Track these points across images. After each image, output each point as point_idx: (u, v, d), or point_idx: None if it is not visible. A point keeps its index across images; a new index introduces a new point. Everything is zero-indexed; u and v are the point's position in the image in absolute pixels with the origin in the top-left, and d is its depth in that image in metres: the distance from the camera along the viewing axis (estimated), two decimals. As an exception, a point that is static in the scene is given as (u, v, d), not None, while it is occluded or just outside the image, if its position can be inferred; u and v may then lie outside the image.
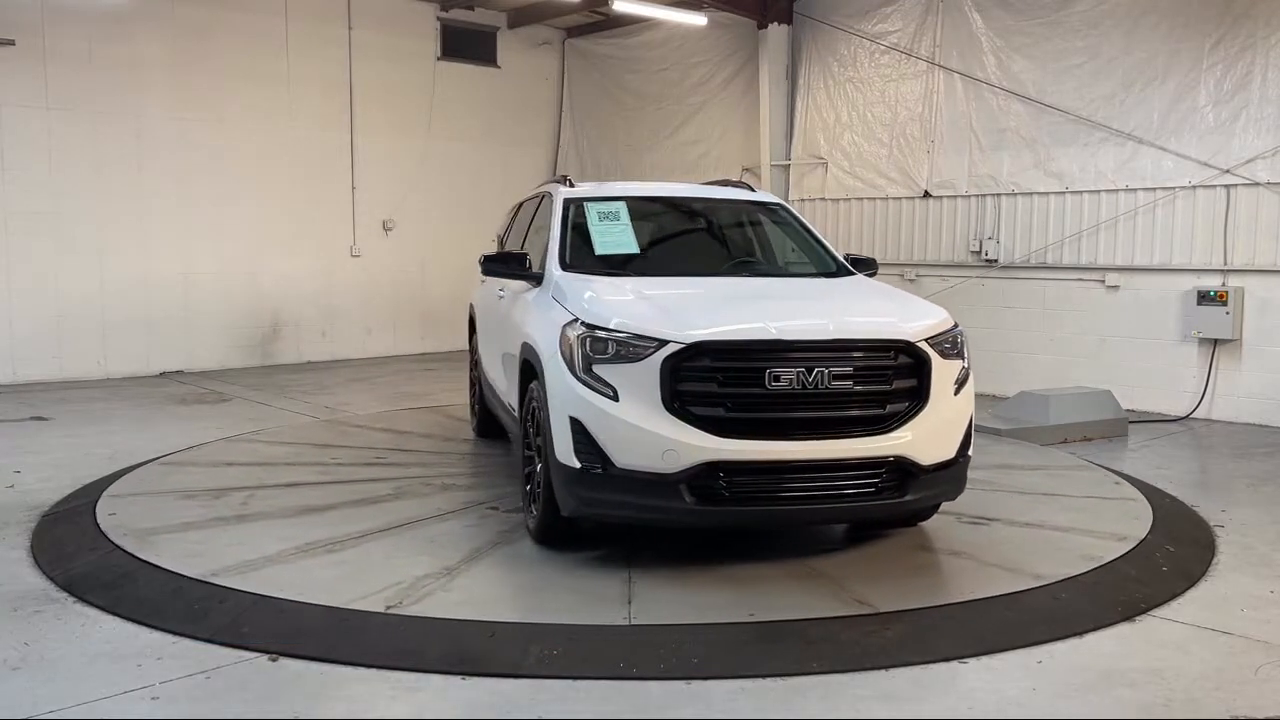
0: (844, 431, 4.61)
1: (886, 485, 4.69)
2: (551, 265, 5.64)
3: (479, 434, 7.96)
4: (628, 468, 4.51)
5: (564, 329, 4.80)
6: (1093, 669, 3.91)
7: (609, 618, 4.26)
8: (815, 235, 6.55)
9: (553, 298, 5.30)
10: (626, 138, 14.26)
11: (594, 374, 4.61)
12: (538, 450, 5.10)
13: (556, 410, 4.72)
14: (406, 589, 4.49)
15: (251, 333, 12.37)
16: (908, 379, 4.73)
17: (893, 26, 11.30)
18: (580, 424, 4.59)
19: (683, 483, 4.47)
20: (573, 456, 4.61)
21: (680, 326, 4.59)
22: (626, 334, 4.60)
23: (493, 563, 4.94)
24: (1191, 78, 9.17)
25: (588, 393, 4.60)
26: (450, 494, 6.22)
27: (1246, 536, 5.65)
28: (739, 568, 4.89)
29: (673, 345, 4.50)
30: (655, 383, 4.50)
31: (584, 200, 6.15)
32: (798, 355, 4.56)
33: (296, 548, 5.06)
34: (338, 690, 3.69)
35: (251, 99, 12.11)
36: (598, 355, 4.63)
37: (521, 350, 5.41)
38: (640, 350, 4.55)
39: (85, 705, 3.52)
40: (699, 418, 4.49)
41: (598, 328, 4.67)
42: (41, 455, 7.38)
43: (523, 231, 7.15)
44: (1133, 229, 9.63)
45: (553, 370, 4.80)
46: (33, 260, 10.73)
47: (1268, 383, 8.97)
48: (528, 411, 5.31)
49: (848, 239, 11.59)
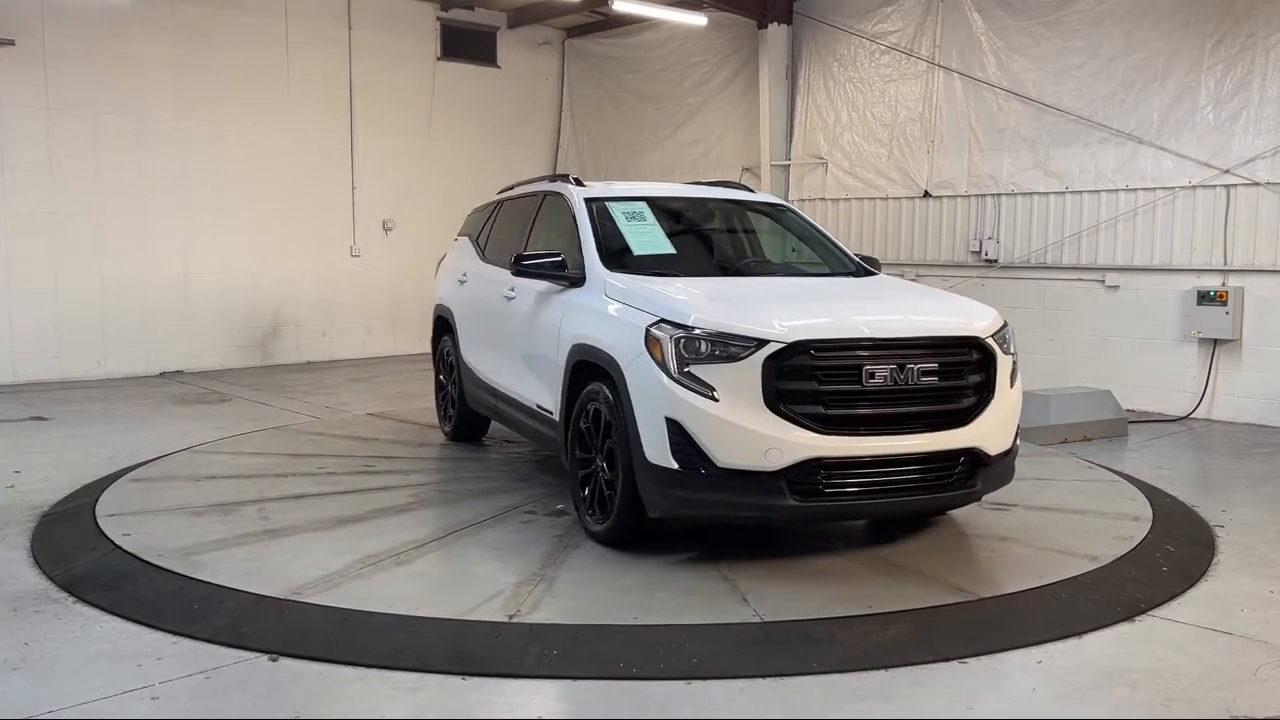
0: (929, 426, 4.78)
1: (961, 476, 4.91)
2: (593, 266, 5.60)
3: (453, 438, 7.75)
4: (730, 467, 4.57)
5: (649, 330, 4.78)
6: (1093, 669, 3.91)
7: (737, 615, 4.28)
8: (828, 236, 6.70)
9: (610, 298, 5.27)
10: (626, 138, 14.26)
11: (691, 374, 4.62)
12: (601, 452, 5.10)
13: (647, 412, 4.72)
14: (510, 597, 4.43)
15: (251, 333, 12.37)
16: (979, 374, 4.94)
17: (893, 26, 11.30)
18: (679, 425, 4.60)
19: (784, 480, 4.56)
20: (669, 457, 4.63)
21: (777, 326, 4.66)
22: (726, 334, 4.63)
23: (579, 566, 4.90)
24: (1191, 78, 9.17)
25: (686, 394, 4.61)
26: (476, 500, 6.08)
27: (1246, 536, 5.65)
28: (819, 560, 4.98)
29: (774, 344, 4.57)
30: (756, 382, 4.55)
31: (605, 200, 6.13)
32: (891, 353, 4.72)
33: (359, 560, 4.88)
34: (338, 690, 3.69)
35: (251, 99, 12.11)
36: (694, 356, 4.64)
37: (571, 353, 5.37)
38: (741, 350, 4.59)
39: (85, 705, 3.52)
40: (799, 415, 4.57)
41: (694, 329, 4.67)
42: (41, 455, 7.38)
43: (516, 232, 6.96)
44: (1133, 229, 9.63)
45: (638, 372, 4.78)
46: (32, 260, 10.73)
47: (1268, 383, 8.96)
48: (580, 414, 5.27)
49: (848, 239, 11.58)
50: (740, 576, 4.74)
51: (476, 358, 7.16)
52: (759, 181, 12.43)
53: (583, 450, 5.32)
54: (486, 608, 4.31)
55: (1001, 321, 5.20)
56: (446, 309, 7.76)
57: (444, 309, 7.82)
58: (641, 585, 4.66)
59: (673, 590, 4.59)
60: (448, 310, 7.73)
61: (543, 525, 5.58)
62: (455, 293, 7.61)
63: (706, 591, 4.58)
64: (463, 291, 7.48)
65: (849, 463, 4.66)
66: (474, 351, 7.22)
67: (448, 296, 7.78)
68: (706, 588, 4.63)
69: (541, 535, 5.38)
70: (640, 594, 4.56)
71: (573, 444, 5.39)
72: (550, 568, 4.85)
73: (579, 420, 5.31)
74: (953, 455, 4.84)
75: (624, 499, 4.93)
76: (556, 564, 4.91)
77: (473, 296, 7.28)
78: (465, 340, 7.38)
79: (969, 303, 5.50)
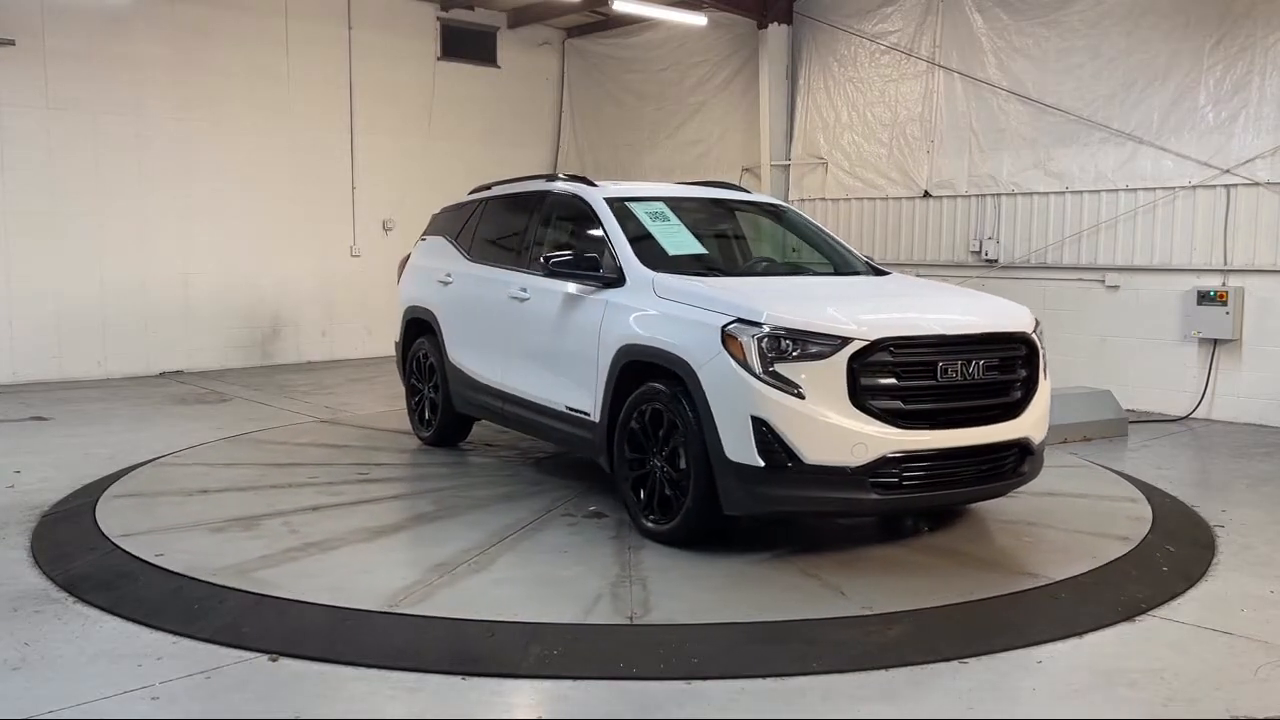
0: (989, 418, 5.00)
1: (1012, 465, 5.16)
2: (632, 266, 5.58)
3: (433, 443, 7.52)
4: (818, 463, 4.65)
5: (725, 330, 4.80)
6: (1093, 669, 3.92)
7: (843, 609, 4.41)
8: (834, 236, 6.80)
9: (662, 298, 5.26)
10: (626, 138, 14.26)
11: (776, 374, 4.67)
12: (660, 452, 5.13)
13: (729, 411, 4.75)
14: (613, 599, 4.44)
15: (251, 333, 12.37)
16: (1026, 368, 5.19)
17: (893, 26, 11.30)
18: (766, 423, 4.65)
19: (867, 474, 4.68)
20: (755, 455, 4.68)
21: (858, 324, 4.76)
22: (810, 332, 4.71)
23: (659, 566, 4.89)
24: (1191, 78, 9.17)
25: (773, 392, 4.66)
26: (503, 504, 5.98)
27: (1246, 536, 5.65)
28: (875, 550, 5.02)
29: (858, 342, 4.68)
30: (841, 379, 4.66)
31: (625, 200, 6.12)
32: (960, 349, 4.93)
33: (433, 569, 4.77)
34: (338, 690, 3.69)
35: (251, 99, 12.10)
36: (778, 355, 4.69)
37: (619, 354, 5.35)
38: (825, 348, 4.68)
39: (85, 705, 3.52)
40: (880, 411, 4.70)
41: (777, 328, 4.72)
42: (41, 455, 7.37)
43: (513, 232, 6.83)
44: (1133, 229, 9.63)
45: (716, 372, 4.80)
46: (32, 260, 10.72)
47: (1268, 383, 8.96)
48: (630, 414, 5.29)
49: (848, 239, 11.53)
50: (820, 571, 4.85)
51: (470, 359, 7.00)
52: (759, 181, 12.44)
53: (634, 451, 5.31)
54: (599, 611, 4.32)
55: (1035, 317, 5.42)
56: (426, 311, 7.50)
57: (422, 311, 7.55)
58: (732, 582, 4.70)
59: (771, 587, 4.66)
60: (427, 312, 7.47)
61: (590, 528, 5.53)
62: (437, 294, 7.39)
63: (799, 586, 4.67)
64: (448, 293, 7.28)
65: (924, 456, 4.80)
66: (466, 353, 7.05)
67: (426, 298, 7.53)
68: (796, 582, 4.72)
69: (596, 537, 5.34)
70: (738, 590, 4.61)
71: (619, 445, 5.38)
72: (631, 569, 4.83)
73: (629, 421, 5.31)
74: (1008, 446, 5.08)
75: (696, 498, 4.94)
76: (634, 565, 4.89)
77: (463, 297, 7.10)
78: (453, 342, 7.19)
79: (1002, 300, 5.70)
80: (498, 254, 6.92)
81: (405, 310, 7.84)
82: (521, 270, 6.52)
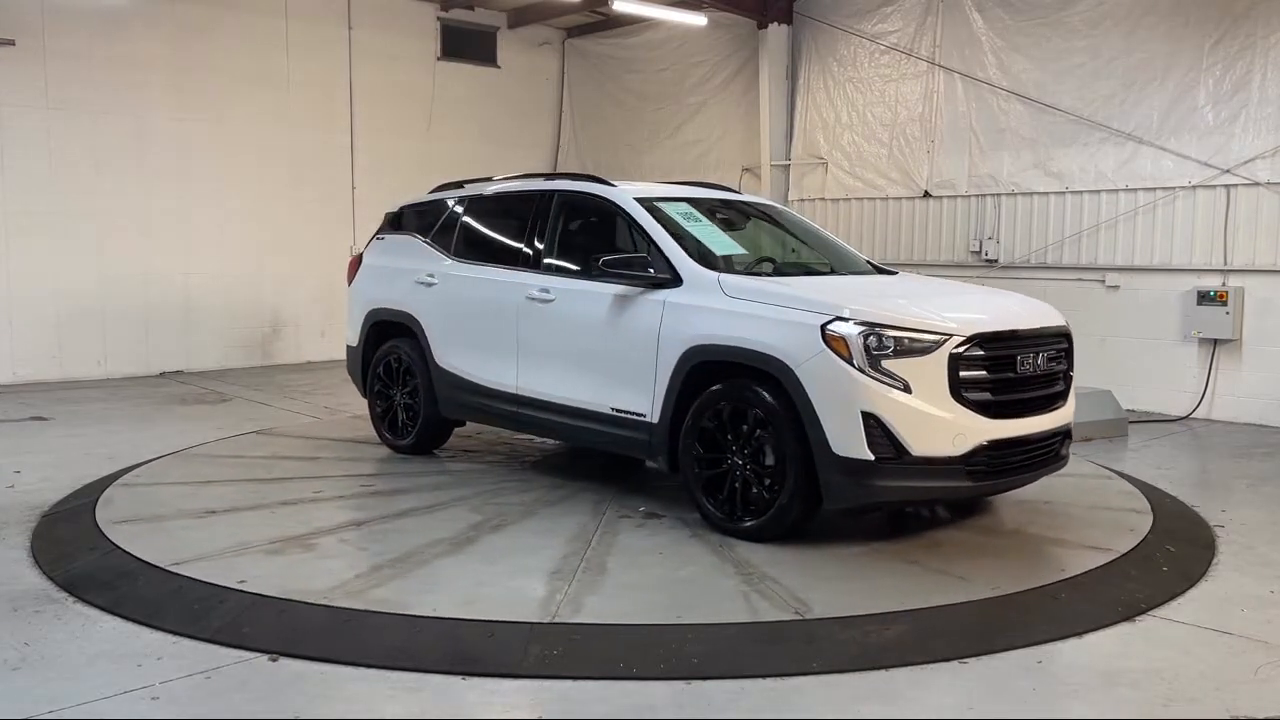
0: (1047, 406, 5.39)
1: (1057, 449, 5.55)
2: (686, 266, 5.61)
3: (410, 450, 7.18)
4: (924, 454, 4.88)
5: (825, 329, 4.92)
6: (1093, 669, 3.92)
7: (967, 593, 4.56)
8: (834, 237, 7.01)
9: (735, 298, 5.31)
10: (626, 138, 14.26)
11: (885, 369, 4.86)
12: (743, 450, 5.20)
13: (835, 406, 4.89)
14: (765, 597, 4.47)
15: (251, 333, 12.37)
16: (1067, 360, 5.60)
17: (893, 26, 11.30)
18: (876, 418, 4.83)
19: (964, 463, 4.96)
20: (865, 449, 4.84)
21: (953, 321, 5.05)
22: (914, 329, 4.94)
23: (772, 561, 4.90)
24: (1191, 78, 9.17)
25: (882, 388, 4.84)
26: (551, 509, 5.84)
27: (1246, 536, 5.65)
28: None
29: (956, 338, 4.95)
30: (942, 373, 4.91)
31: (654, 200, 6.15)
32: (1031, 343, 5.32)
33: (552, 576, 4.69)
34: (338, 690, 3.69)
35: (251, 99, 12.11)
36: (882, 351, 4.87)
37: (687, 354, 5.38)
38: (930, 343, 4.92)
39: (85, 705, 3.52)
40: (973, 402, 5.00)
41: (884, 325, 4.91)
42: (41, 455, 7.37)
43: (513, 232, 6.70)
44: (1133, 229, 9.63)
45: (819, 369, 4.92)
46: (33, 260, 10.72)
47: (1268, 383, 8.97)
48: (701, 414, 5.33)
49: (848, 239, 11.56)
50: (930, 559, 5.07)
51: (466, 362, 6.76)
52: (759, 182, 12.45)
53: (707, 450, 5.36)
54: (762, 610, 4.34)
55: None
56: (403, 314, 7.17)
57: (398, 314, 7.21)
58: (848, 572, 4.83)
59: (893, 575, 4.79)
60: (406, 315, 7.15)
61: (660, 528, 5.48)
62: (416, 295, 7.09)
63: (906, 573, 4.84)
64: (432, 294, 6.99)
65: (1007, 443, 5.13)
66: (461, 355, 6.80)
67: (399, 300, 7.22)
68: (903, 569, 4.89)
69: (676, 537, 5.32)
70: (862, 580, 4.73)
71: (688, 445, 5.41)
72: (765, 566, 4.82)
73: (700, 420, 5.35)
74: (1058, 432, 5.48)
75: (791, 494, 5.05)
76: (758, 563, 4.87)
77: (456, 298, 6.85)
78: (442, 345, 6.91)
79: (1029, 298, 6.10)
80: (496, 254, 6.78)
81: (367, 313, 7.49)
82: (534, 271, 6.41)
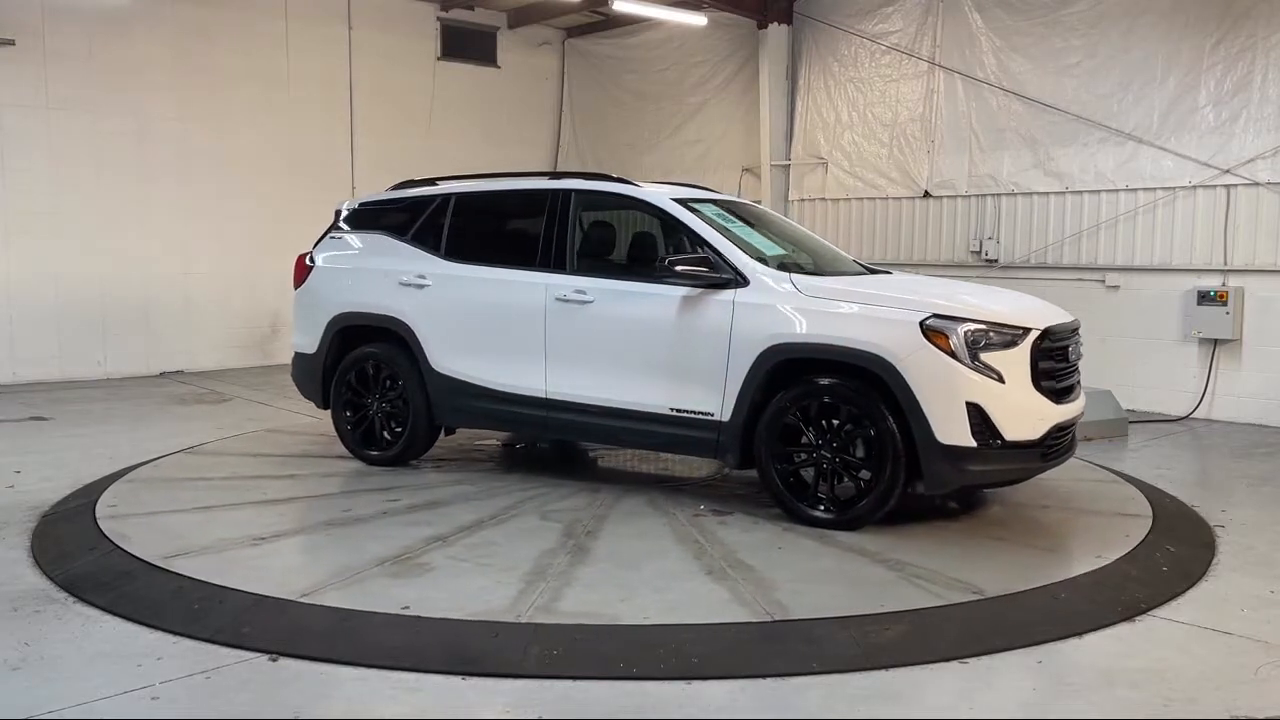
0: (1073, 394, 5.81)
1: (1074, 435, 5.87)
2: (748, 266, 5.80)
3: (391, 461, 6.87)
4: (1015, 439, 5.29)
5: (925, 325, 5.28)
6: (1093, 669, 3.92)
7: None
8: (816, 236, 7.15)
9: (814, 297, 5.57)
10: (626, 138, 14.25)
11: (984, 362, 5.26)
12: (830, 444, 5.46)
13: (940, 398, 5.23)
14: (915, 581, 4.69)
15: (251, 332, 12.37)
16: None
17: (893, 26, 11.30)
18: (979, 407, 5.21)
19: (1040, 445, 5.40)
20: (969, 437, 5.21)
21: (1027, 316, 5.52)
22: (1005, 324, 5.38)
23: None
24: (1191, 78, 9.17)
25: (983, 379, 5.24)
26: (622, 511, 5.80)
27: (1246, 536, 5.66)
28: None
29: (1035, 331, 5.42)
30: (1026, 364, 5.37)
31: (689, 202, 6.28)
32: (1073, 335, 5.83)
33: (707, 575, 4.75)
34: (338, 690, 3.69)
35: (251, 99, 12.11)
36: (980, 345, 5.28)
37: (767, 353, 5.55)
38: (1018, 337, 5.37)
39: (85, 705, 3.52)
40: (1046, 389, 5.46)
41: (981, 321, 5.32)
42: (41, 455, 7.37)
43: (515, 232, 6.65)
44: (1133, 229, 9.63)
45: (923, 364, 5.25)
46: (33, 260, 10.72)
47: (1268, 383, 8.97)
48: (786, 410, 5.53)
49: (848, 239, 11.59)
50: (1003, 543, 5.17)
51: (475, 367, 6.55)
52: (759, 181, 12.46)
53: (791, 444, 5.61)
54: (946, 594, 4.54)
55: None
56: (386, 317, 6.86)
57: (379, 318, 6.90)
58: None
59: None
60: (389, 319, 6.84)
61: (737, 525, 5.56)
62: (406, 297, 6.79)
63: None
64: (426, 296, 6.73)
65: (1062, 427, 5.56)
66: (468, 360, 6.58)
67: (383, 303, 6.88)
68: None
69: (768, 531, 5.44)
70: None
71: (767, 441, 5.61)
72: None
73: (780, 417, 5.57)
74: (1078, 418, 5.85)
75: (889, 483, 5.35)
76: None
77: (461, 301, 6.62)
78: (442, 349, 6.66)
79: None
80: (505, 255, 6.60)
81: (332, 318, 7.14)
82: (560, 272, 6.28)
